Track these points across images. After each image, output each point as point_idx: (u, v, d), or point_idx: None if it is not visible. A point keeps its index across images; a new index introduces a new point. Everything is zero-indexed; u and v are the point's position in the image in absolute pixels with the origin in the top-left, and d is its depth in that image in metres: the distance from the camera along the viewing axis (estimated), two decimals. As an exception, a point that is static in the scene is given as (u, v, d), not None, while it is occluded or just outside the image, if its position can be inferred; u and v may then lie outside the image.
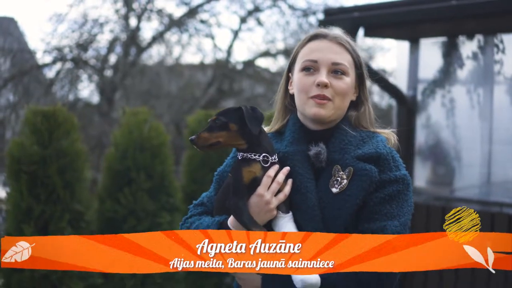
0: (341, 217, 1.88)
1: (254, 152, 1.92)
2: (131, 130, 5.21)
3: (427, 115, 5.51)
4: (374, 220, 1.88)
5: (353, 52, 2.02)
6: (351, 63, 2.01)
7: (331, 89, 1.96)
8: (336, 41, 2.00)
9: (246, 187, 1.89)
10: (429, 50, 5.49)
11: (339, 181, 1.91)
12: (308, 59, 1.99)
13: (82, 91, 11.52)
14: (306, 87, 1.98)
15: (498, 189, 5.11)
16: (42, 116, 4.67)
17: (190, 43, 11.44)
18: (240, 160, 1.93)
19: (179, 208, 5.27)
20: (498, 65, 5.04)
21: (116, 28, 10.77)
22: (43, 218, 4.55)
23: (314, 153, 1.95)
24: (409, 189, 1.97)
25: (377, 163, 1.93)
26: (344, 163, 1.93)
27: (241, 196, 1.88)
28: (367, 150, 1.95)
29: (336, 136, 1.98)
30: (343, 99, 1.99)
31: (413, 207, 1.99)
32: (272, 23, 12.05)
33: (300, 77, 2.00)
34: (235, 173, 1.93)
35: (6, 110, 9.79)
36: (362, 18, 5.14)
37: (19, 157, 4.59)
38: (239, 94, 11.78)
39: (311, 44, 2.02)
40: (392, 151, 2.01)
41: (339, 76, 1.97)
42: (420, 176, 5.58)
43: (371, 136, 2.01)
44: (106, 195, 5.12)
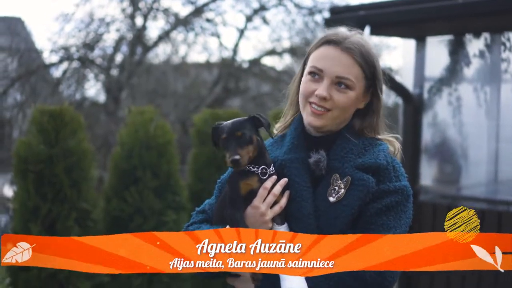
0: (337, 227, 1.86)
1: (253, 163, 1.89)
2: (137, 129, 5.21)
3: (434, 113, 5.50)
4: (369, 230, 1.86)
5: (365, 65, 1.95)
6: (359, 77, 1.94)
7: (331, 101, 1.93)
8: (348, 52, 1.94)
9: (243, 199, 1.88)
10: (436, 48, 5.48)
11: (336, 190, 1.89)
12: (315, 66, 1.96)
13: (88, 90, 11.57)
14: (308, 92, 1.96)
15: (505, 187, 5.09)
16: (49, 115, 4.69)
17: (196, 42, 11.47)
18: (238, 171, 1.90)
19: (185, 206, 5.28)
20: (505, 63, 5.02)
21: (122, 27, 10.80)
22: (50, 217, 4.56)
23: (314, 161, 1.93)
24: (408, 201, 1.93)
25: (376, 173, 1.90)
26: (343, 171, 1.91)
27: (238, 208, 1.88)
28: (367, 160, 1.92)
29: (338, 144, 1.95)
30: (344, 112, 1.95)
31: (411, 219, 1.94)
32: (278, 22, 12.05)
33: (306, 80, 1.98)
34: (232, 185, 1.91)
35: (13, 109, 9.83)
36: (368, 16, 5.13)
37: (26, 156, 4.60)
38: (245, 92, 11.79)
39: (322, 49, 1.97)
40: (394, 160, 1.97)
41: (342, 89, 1.93)
42: (426, 174, 5.56)
43: (373, 144, 1.97)
44: (112, 194, 5.13)
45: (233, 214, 1.87)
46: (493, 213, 4.73)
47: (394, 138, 2.04)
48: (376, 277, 1.82)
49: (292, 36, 11.78)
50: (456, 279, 4.85)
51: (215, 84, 11.52)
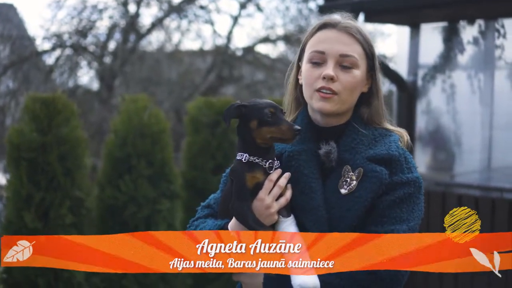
0: (348, 219, 1.83)
1: (260, 156, 1.85)
2: (131, 117, 5.19)
3: (428, 100, 5.50)
4: (382, 223, 1.83)
5: (364, 43, 1.92)
6: (361, 55, 1.91)
7: (338, 83, 1.88)
8: (346, 31, 1.90)
9: (249, 191, 1.84)
10: (430, 35, 5.47)
11: (348, 182, 1.86)
12: (315, 50, 1.91)
13: (81, 77, 11.50)
14: (312, 80, 1.90)
15: (498, 174, 5.11)
16: (41, 103, 4.66)
17: (190, 29, 11.40)
18: (245, 163, 1.85)
19: (179, 194, 5.27)
20: (499, 50, 5.02)
21: (115, 14, 10.73)
22: (43, 205, 4.55)
23: (324, 152, 1.89)
24: (420, 192, 1.91)
25: (389, 165, 1.87)
26: (354, 163, 1.87)
27: (245, 199, 1.84)
28: (379, 151, 1.88)
29: (348, 134, 1.92)
30: (351, 93, 1.91)
31: (423, 211, 1.93)
32: (272, 9, 12.03)
33: (307, 68, 1.93)
34: (238, 177, 1.86)
35: (5, 97, 9.78)
36: (362, 3, 5.11)
37: (18, 144, 4.58)
38: (239, 80, 11.75)
39: (319, 34, 1.93)
40: (405, 152, 1.94)
41: (347, 69, 1.89)
42: (420, 161, 5.57)
43: (383, 134, 1.94)
44: (106, 182, 5.12)
45: (240, 206, 1.83)
46: (486, 200, 4.75)
47: (403, 130, 2.01)
48: (389, 271, 1.78)
49: (286, 23, 11.74)
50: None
51: (209, 72, 11.48)
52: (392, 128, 1.99)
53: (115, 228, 5.03)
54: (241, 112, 1.85)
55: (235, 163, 1.90)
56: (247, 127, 1.85)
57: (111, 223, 5.05)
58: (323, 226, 1.84)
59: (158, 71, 11.33)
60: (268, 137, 1.83)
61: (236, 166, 1.88)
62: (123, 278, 4.95)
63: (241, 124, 1.87)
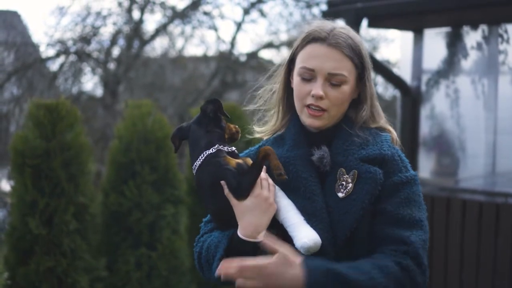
0: (347, 221, 1.84)
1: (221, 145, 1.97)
2: (135, 122, 5.20)
3: (432, 105, 5.49)
4: (397, 226, 1.85)
5: (354, 56, 1.92)
6: (350, 70, 1.92)
7: (327, 100, 1.90)
8: (336, 46, 1.91)
9: (236, 169, 1.89)
10: (433, 40, 5.47)
11: (344, 185, 1.88)
12: (305, 67, 1.93)
13: (85, 84, 11.54)
14: (302, 95, 1.93)
15: (503, 179, 5.09)
16: (45, 109, 4.67)
17: (193, 35, 11.43)
18: (230, 153, 1.94)
19: (184, 200, 5.28)
20: (502, 55, 5.02)
21: (119, 21, 10.77)
22: (47, 211, 4.55)
23: (317, 158, 1.91)
24: (419, 188, 1.95)
25: (382, 165, 1.89)
26: (348, 165, 1.89)
27: (236, 176, 1.88)
28: (371, 152, 1.90)
29: (339, 137, 1.93)
30: (340, 107, 1.93)
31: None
32: (275, 15, 12.02)
33: (298, 83, 1.95)
34: (218, 168, 1.90)
35: (10, 103, 9.81)
36: (365, 8, 5.11)
37: (23, 150, 4.59)
38: (242, 86, 11.77)
39: (309, 48, 1.94)
40: (398, 150, 1.95)
41: (336, 86, 1.91)
42: (424, 167, 5.56)
43: (374, 134, 1.95)
44: (110, 188, 5.12)
45: (239, 182, 1.86)
46: (491, 205, 4.74)
47: (392, 128, 2.03)
48: (414, 266, 1.81)
49: (290, 29, 11.76)
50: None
51: (212, 78, 11.50)
52: (383, 126, 2.00)
53: (120, 234, 5.04)
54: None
55: (204, 162, 1.93)
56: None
57: (116, 229, 5.05)
58: (326, 227, 1.85)
59: (162, 77, 11.35)
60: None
61: (206, 165, 1.92)
62: (127, 284, 4.95)
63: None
